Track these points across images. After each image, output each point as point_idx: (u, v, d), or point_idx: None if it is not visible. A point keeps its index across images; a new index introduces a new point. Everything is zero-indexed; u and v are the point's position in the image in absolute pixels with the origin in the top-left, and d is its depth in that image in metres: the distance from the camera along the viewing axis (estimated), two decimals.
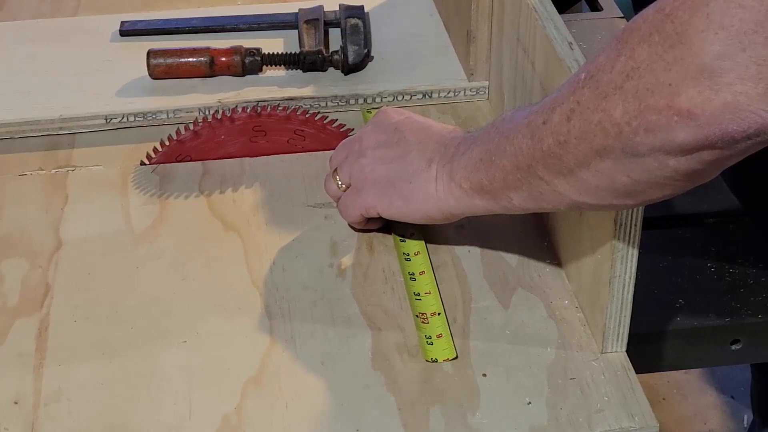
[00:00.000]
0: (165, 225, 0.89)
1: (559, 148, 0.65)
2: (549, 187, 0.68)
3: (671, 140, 0.58)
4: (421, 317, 0.78)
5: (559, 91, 0.66)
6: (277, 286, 0.83)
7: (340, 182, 0.85)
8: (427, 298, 0.80)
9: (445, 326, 0.78)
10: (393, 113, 0.85)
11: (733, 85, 0.55)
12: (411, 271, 0.82)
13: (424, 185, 0.79)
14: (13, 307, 0.81)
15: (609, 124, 0.60)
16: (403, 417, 0.72)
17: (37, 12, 1.19)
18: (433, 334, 0.77)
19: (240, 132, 0.95)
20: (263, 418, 0.72)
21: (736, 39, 0.54)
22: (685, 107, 0.56)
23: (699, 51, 0.55)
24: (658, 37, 0.57)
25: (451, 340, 0.77)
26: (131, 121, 1.01)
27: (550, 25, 0.83)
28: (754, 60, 0.54)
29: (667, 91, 0.57)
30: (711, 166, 0.60)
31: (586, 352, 0.76)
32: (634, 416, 0.72)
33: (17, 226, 0.89)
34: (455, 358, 0.75)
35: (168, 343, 0.78)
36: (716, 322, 0.86)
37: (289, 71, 1.06)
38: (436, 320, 0.78)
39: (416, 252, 0.84)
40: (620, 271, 0.73)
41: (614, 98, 0.60)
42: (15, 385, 0.75)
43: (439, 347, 0.76)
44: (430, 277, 0.82)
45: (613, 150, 0.61)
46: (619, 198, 0.65)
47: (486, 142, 0.74)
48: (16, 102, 1.02)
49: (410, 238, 0.85)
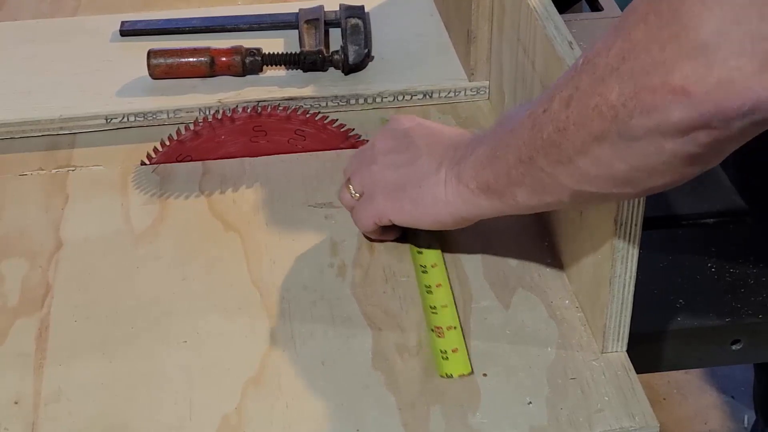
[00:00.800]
0: (165, 225, 0.89)
1: (558, 135, 0.64)
2: (550, 179, 0.67)
3: (666, 120, 0.57)
4: (436, 331, 0.77)
5: (560, 79, 0.65)
6: (277, 286, 0.83)
7: (353, 191, 0.84)
8: (444, 312, 0.79)
9: (461, 341, 0.76)
10: (404, 120, 0.85)
11: (727, 61, 0.54)
12: (428, 284, 0.81)
13: (433, 189, 0.78)
14: (13, 307, 0.81)
15: (605, 108, 0.60)
16: (403, 417, 0.72)
17: (37, 12, 1.19)
18: (449, 349, 0.76)
19: (240, 132, 0.95)
20: (263, 418, 0.72)
21: (731, 14, 0.53)
22: (680, 84, 0.56)
23: (694, 27, 0.55)
24: (654, 16, 0.57)
25: (466, 355, 0.75)
26: (131, 121, 1.01)
27: (551, 25, 0.83)
28: (748, 35, 0.53)
29: (662, 70, 0.56)
30: (709, 150, 0.59)
31: (587, 352, 0.76)
32: (635, 416, 0.72)
33: (17, 226, 0.89)
34: (470, 373, 0.75)
35: (168, 343, 0.78)
36: (716, 322, 0.86)
37: (290, 71, 1.06)
38: (453, 334, 0.77)
39: (433, 264, 0.83)
40: (620, 271, 0.73)
41: (611, 81, 0.59)
42: (15, 385, 0.75)
43: (455, 362, 0.75)
44: (447, 290, 0.81)
45: (610, 134, 0.61)
46: (619, 186, 0.65)
47: (491, 140, 0.74)
48: (16, 102, 1.02)
49: (427, 248, 0.84)
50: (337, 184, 0.92)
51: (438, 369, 0.75)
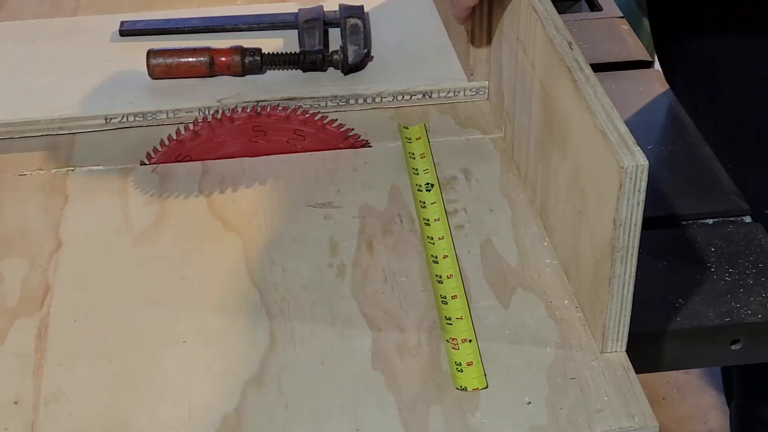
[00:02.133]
0: (165, 225, 0.89)
1: None
2: None
3: None
4: (451, 342, 0.77)
5: None
6: (277, 286, 0.83)
7: None
8: (459, 324, 0.78)
9: (476, 353, 0.76)
10: None
11: None
12: (443, 295, 0.81)
13: None
14: (13, 307, 0.81)
15: None
16: (403, 417, 0.72)
17: (37, 12, 1.19)
18: (464, 362, 0.75)
19: (240, 132, 0.95)
20: (263, 418, 0.72)
21: None
22: None
23: None
24: None
25: (481, 369, 0.75)
26: (131, 121, 1.01)
27: (550, 25, 0.83)
28: None
29: None
30: None
31: (586, 352, 0.76)
32: (634, 416, 0.72)
33: (17, 226, 0.89)
34: (485, 388, 0.74)
35: (168, 343, 0.78)
36: (716, 322, 0.86)
37: (289, 71, 1.06)
38: (467, 347, 0.76)
39: (449, 275, 0.83)
40: (620, 271, 0.73)
41: None
42: (15, 385, 0.75)
43: (469, 375, 0.74)
44: (462, 302, 0.80)
45: None
46: None
47: None
48: (16, 102, 1.02)
49: (442, 260, 0.84)
50: (337, 184, 0.92)
51: (453, 380, 0.74)
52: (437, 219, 0.88)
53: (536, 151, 0.88)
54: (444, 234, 0.86)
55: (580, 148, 0.77)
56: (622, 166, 0.69)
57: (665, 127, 1.12)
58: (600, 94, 0.76)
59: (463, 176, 0.94)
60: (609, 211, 0.72)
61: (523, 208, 0.90)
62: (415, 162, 0.95)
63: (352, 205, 0.90)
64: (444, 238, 0.86)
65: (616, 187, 0.70)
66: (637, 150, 0.70)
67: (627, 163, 0.69)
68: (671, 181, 1.02)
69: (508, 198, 0.91)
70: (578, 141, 0.77)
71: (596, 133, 0.73)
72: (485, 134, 0.99)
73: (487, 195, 0.92)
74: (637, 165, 0.69)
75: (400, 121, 1.01)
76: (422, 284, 0.82)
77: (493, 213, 0.89)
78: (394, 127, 1.00)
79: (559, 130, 0.81)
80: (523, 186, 0.92)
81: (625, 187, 0.70)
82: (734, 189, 1.00)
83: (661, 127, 1.12)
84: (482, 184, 0.93)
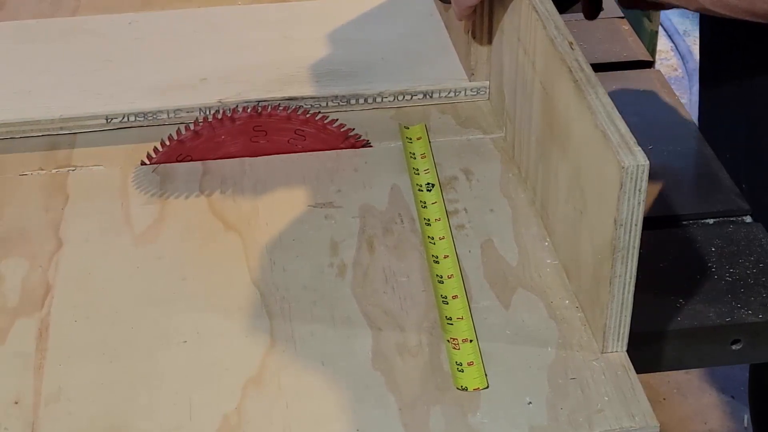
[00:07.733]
0: (165, 225, 0.89)
1: None
2: None
3: None
4: (452, 342, 0.77)
5: None
6: (277, 286, 0.83)
7: None
8: (460, 324, 0.78)
9: (477, 354, 0.76)
10: None
11: None
12: (444, 295, 0.81)
13: None
14: (13, 307, 0.81)
15: None
16: (403, 417, 0.72)
17: (37, 12, 1.19)
18: (464, 362, 0.75)
19: (240, 132, 0.95)
20: (263, 418, 0.72)
21: None
22: None
23: None
24: None
25: (482, 369, 0.75)
26: (131, 121, 1.01)
27: (551, 25, 0.83)
28: None
29: None
30: None
31: (587, 352, 0.76)
32: (635, 416, 0.72)
33: (17, 226, 0.89)
34: (486, 387, 0.74)
35: (168, 343, 0.78)
36: (716, 322, 0.86)
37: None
38: (468, 347, 0.76)
39: (450, 275, 0.82)
40: (620, 271, 0.73)
41: None
42: (15, 385, 0.75)
43: (470, 375, 0.74)
44: (463, 302, 0.80)
45: None
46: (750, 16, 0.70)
47: None
48: (16, 102, 1.02)
49: (443, 261, 0.84)
50: (337, 184, 0.92)
51: (453, 380, 0.75)
52: (438, 219, 0.88)
53: (537, 151, 0.88)
54: (445, 234, 0.86)
55: (581, 148, 0.77)
56: (623, 166, 0.69)
57: (665, 127, 1.12)
58: (600, 94, 0.76)
59: (463, 176, 0.94)
60: (610, 211, 0.72)
61: (523, 208, 0.90)
62: (416, 162, 0.95)
63: (352, 205, 0.90)
64: (445, 238, 0.86)
65: (617, 187, 0.70)
66: (638, 150, 0.70)
67: (627, 163, 0.69)
68: (671, 181, 1.02)
69: (508, 198, 0.91)
70: (579, 141, 0.77)
71: (597, 133, 0.73)
72: (486, 134, 0.99)
73: (488, 195, 0.92)
74: (638, 165, 0.69)
75: (400, 121, 1.01)
76: (423, 284, 0.82)
77: (494, 213, 0.89)
78: (394, 127, 1.00)
79: (559, 130, 0.81)
80: (523, 186, 0.92)
81: (625, 187, 0.70)
82: (734, 189, 1.00)
83: (661, 127, 1.12)
84: (483, 184, 0.93)
